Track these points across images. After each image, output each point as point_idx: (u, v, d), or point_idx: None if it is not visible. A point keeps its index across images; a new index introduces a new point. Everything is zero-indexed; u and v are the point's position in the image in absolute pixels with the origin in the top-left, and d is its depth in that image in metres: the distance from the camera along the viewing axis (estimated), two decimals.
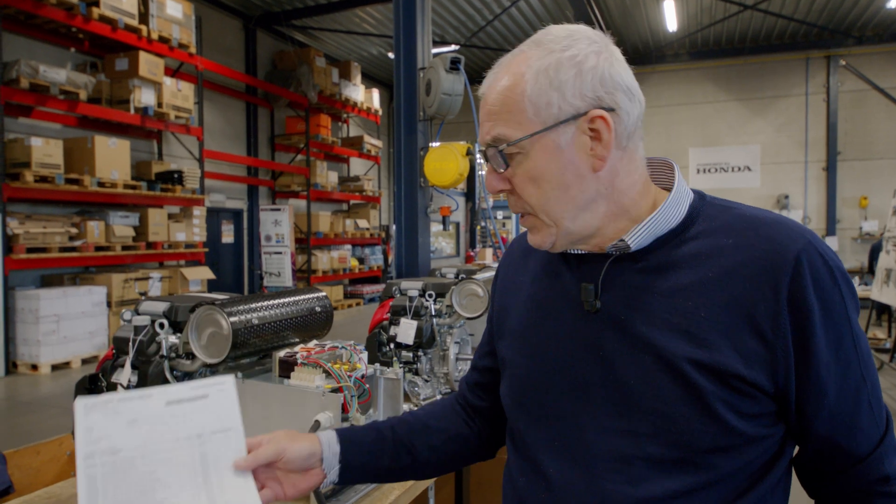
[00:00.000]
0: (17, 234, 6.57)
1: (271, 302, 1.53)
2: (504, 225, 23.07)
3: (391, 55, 14.05)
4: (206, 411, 0.88)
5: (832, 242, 12.72)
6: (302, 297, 1.64)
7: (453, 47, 12.53)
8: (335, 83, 12.41)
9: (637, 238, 0.84)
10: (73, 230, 7.18)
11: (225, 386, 0.90)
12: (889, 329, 7.64)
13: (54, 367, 6.68)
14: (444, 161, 3.52)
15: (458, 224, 18.58)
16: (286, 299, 1.58)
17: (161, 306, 1.51)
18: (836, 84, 13.32)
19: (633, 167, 0.85)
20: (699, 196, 0.88)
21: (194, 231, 8.91)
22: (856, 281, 8.55)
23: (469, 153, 3.52)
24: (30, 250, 6.66)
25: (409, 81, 3.70)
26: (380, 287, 12.80)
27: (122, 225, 7.79)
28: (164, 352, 1.46)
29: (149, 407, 0.85)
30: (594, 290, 0.85)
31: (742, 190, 13.56)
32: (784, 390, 0.78)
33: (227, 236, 11.19)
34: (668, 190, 0.87)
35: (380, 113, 14.28)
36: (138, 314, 1.51)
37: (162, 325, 1.47)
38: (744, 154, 14.38)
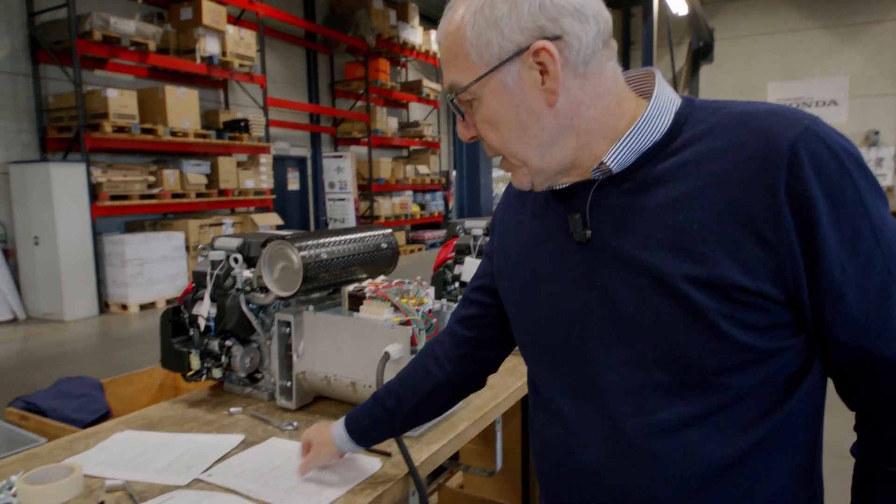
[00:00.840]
0: (100, 182, 6.95)
1: (339, 238, 1.56)
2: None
3: None
4: None
5: None
6: (368, 233, 1.66)
7: None
8: (393, 26, 12.20)
9: (617, 159, 0.78)
10: (151, 178, 7.53)
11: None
12: None
13: (142, 307, 7.16)
14: None
15: None
16: (353, 235, 1.60)
17: (234, 242, 1.56)
18: None
19: (602, 90, 0.79)
20: (687, 102, 0.81)
21: (261, 178, 9.17)
22: None
23: None
24: (113, 197, 7.05)
25: None
26: (441, 233, 12.89)
27: (195, 173, 8.10)
28: (239, 285, 1.52)
29: None
30: (581, 219, 0.81)
31: None
32: (796, 296, 0.72)
33: (293, 183, 11.46)
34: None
35: (438, 55, 13.97)
36: (214, 249, 1.58)
37: (236, 260, 1.52)
38: (829, 87, 13.29)
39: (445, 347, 1.09)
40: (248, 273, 1.53)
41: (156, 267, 7.35)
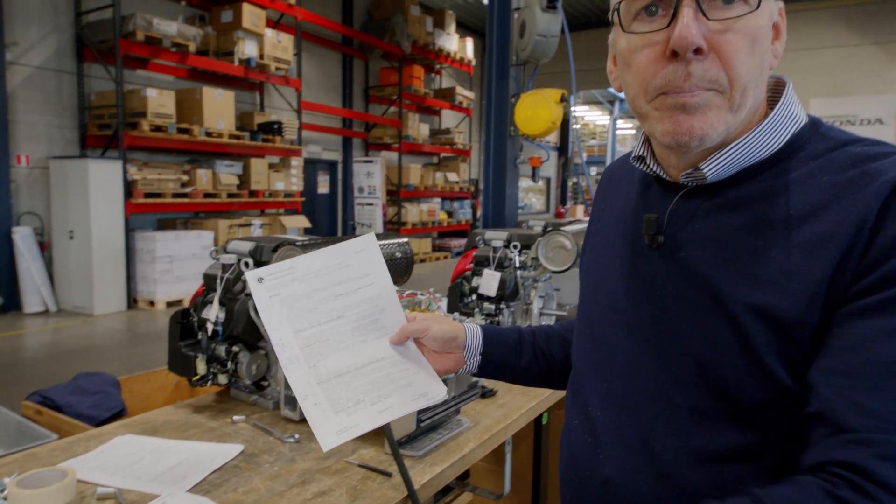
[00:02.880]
0: (135, 179, 7.10)
1: None
2: (598, 182, 22.27)
3: (486, 1, 13.66)
4: (363, 263, 0.98)
5: None
6: (383, 241, 1.61)
7: None
8: (429, 32, 12.24)
9: (716, 167, 0.72)
10: (184, 177, 7.66)
11: (370, 241, 0.99)
12: None
13: (169, 304, 7.26)
14: (536, 108, 3.35)
15: (548, 179, 18.11)
16: None
17: (247, 246, 1.54)
18: None
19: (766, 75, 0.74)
20: (812, 125, 0.73)
21: (292, 181, 9.26)
22: None
23: (563, 100, 3.33)
24: (147, 195, 7.19)
25: (503, 22, 3.52)
26: None
27: (227, 173, 8.22)
28: (248, 290, 1.49)
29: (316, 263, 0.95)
30: (656, 222, 0.77)
31: None
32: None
33: (323, 187, 11.56)
34: None
35: (472, 63, 13.99)
36: (226, 252, 1.55)
37: (247, 264, 1.49)
38: (876, 105, 12.80)
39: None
40: None
41: (185, 265, 7.46)
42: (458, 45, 13.21)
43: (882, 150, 0.67)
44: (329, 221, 11.76)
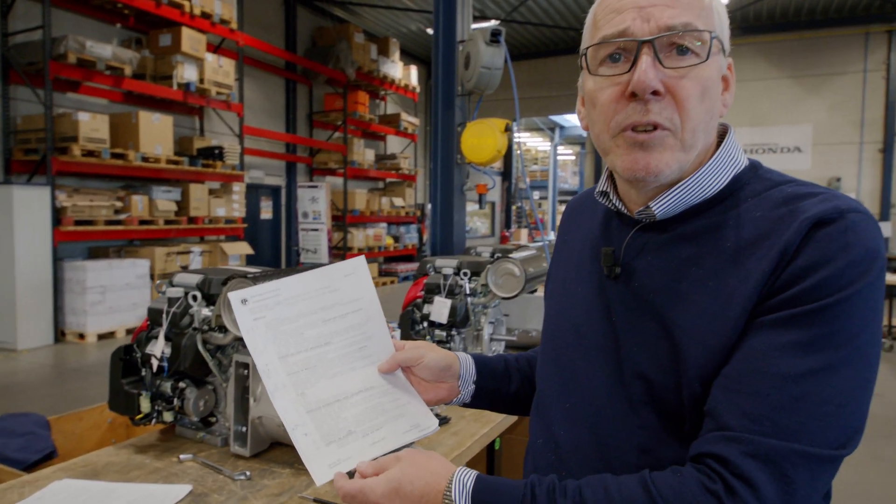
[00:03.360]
0: (65, 206, 6.77)
1: None
2: (540, 206, 22.80)
3: (430, 31, 13.91)
4: (352, 288, 0.97)
5: (885, 228, 12.13)
6: None
7: (493, 22, 12.28)
8: (373, 60, 12.34)
9: (664, 206, 0.79)
10: (119, 204, 7.37)
11: (359, 264, 0.98)
12: None
13: (100, 337, 6.90)
14: (481, 137, 3.43)
15: (493, 204, 18.42)
16: None
17: (194, 279, 1.50)
18: None
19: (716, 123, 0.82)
20: (751, 168, 0.81)
21: (234, 207, 9.05)
22: None
23: (508, 129, 3.42)
24: (77, 223, 6.86)
25: (448, 55, 3.61)
26: (414, 266, 12.83)
27: (165, 199, 7.96)
28: (196, 324, 1.45)
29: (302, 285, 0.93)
30: (613, 255, 0.84)
31: (790, 172, 12.70)
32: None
33: (266, 212, 11.34)
34: None
35: (417, 90, 14.17)
36: (172, 286, 1.51)
37: (195, 298, 1.46)
38: (794, 134, 13.78)
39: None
40: (206, 311, 1.47)
41: (118, 295, 7.13)
42: (402, 72, 13.37)
43: (809, 190, 0.74)
44: (272, 248, 11.53)
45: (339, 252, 11.71)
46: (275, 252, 11.57)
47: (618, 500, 0.68)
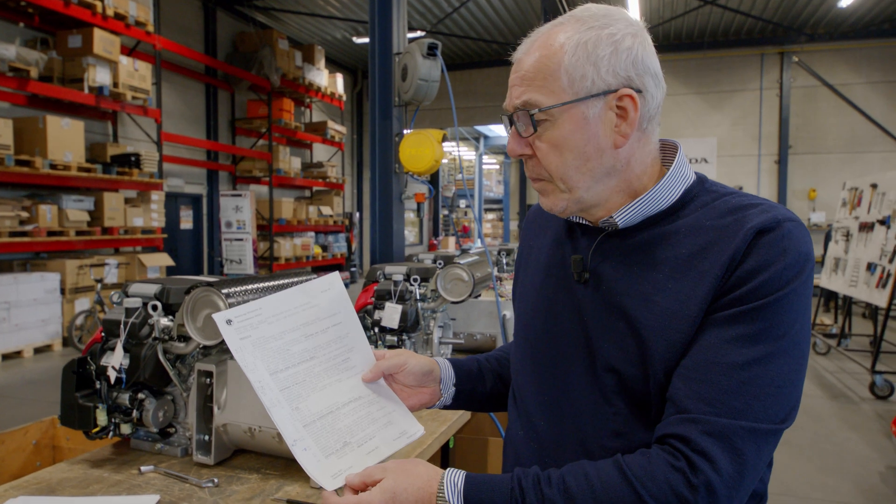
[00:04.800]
0: None
1: (265, 284, 1.52)
2: (466, 213, 23.12)
3: (356, 40, 13.86)
4: (330, 303, 1.01)
5: None
6: (294, 279, 1.63)
7: (419, 33, 12.42)
8: (298, 67, 12.16)
9: (626, 217, 0.90)
10: (24, 214, 6.88)
11: (334, 280, 1.02)
12: (835, 315, 8.02)
13: (5, 357, 6.41)
14: (419, 147, 3.51)
15: (418, 210, 18.53)
16: (280, 281, 1.57)
17: (152, 288, 1.48)
18: (788, 80, 13.79)
19: (648, 150, 0.90)
20: (699, 181, 0.92)
21: (152, 216, 8.65)
22: None
23: (445, 139, 3.52)
24: None
25: (385, 66, 3.67)
26: (345, 275, 12.69)
27: (76, 209, 7.50)
28: (156, 334, 1.43)
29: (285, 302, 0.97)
30: (581, 262, 0.93)
31: None
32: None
33: (186, 222, 10.90)
34: None
35: (344, 98, 14.07)
36: (128, 296, 1.49)
37: (155, 308, 1.44)
38: (701, 146, 14.80)
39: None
40: (166, 321, 1.45)
41: (25, 311, 6.66)
42: (328, 80, 13.24)
43: (750, 201, 0.86)
44: (194, 259, 11.08)
45: (266, 262, 11.42)
46: (196, 263, 11.12)
47: (598, 484, 0.77)
